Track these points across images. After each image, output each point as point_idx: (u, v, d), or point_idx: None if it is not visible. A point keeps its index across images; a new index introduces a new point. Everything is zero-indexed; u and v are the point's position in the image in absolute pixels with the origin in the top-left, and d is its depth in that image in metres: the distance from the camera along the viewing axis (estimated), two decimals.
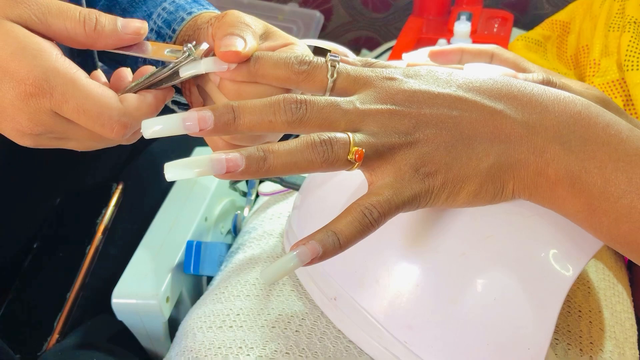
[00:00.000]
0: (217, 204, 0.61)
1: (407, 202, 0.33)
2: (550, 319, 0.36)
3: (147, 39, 0.52)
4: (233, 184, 0.59)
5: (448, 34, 0.80)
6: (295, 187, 0.53)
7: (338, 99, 0.35)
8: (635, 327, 0.49)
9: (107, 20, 0.37)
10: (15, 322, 0.58)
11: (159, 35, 0.51)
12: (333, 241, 0.32)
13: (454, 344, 0.37)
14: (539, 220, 0.38)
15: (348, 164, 0.33)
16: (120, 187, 0.66)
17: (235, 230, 0.58)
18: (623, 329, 0.47)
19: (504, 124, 0.34)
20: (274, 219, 0.54)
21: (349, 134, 0.33)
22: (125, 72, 0.40)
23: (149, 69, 0.39)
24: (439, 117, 0.34)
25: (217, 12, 0.48)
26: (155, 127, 0.33)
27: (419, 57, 0.51)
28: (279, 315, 0.44)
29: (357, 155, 0.33)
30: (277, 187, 0.56)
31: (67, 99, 0.35)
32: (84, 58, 0.53)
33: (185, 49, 0.38)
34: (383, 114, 0.34)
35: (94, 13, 0.37)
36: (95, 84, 0.36)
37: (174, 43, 0.46)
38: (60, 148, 0.40)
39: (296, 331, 0.42)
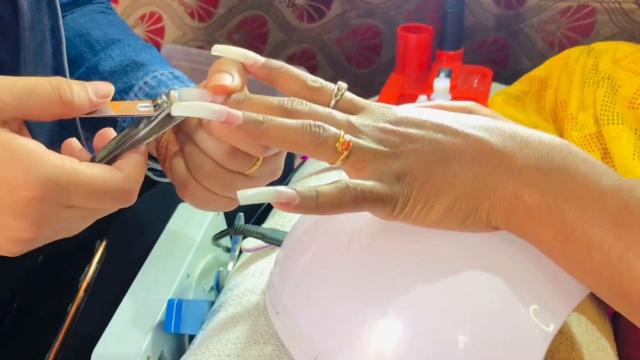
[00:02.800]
0: (200, 261, 0.60)
1: (386, 199, 0.36)
2: None
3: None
4: (216, 239, 0.59)
5: (429, 89, 0.81)
6: (277, 242, 0.53)
7: (334, 110, 0.38)
8: None
9: (79, 87, 0.38)
10: None
11: None
12: (312, 197, 0.34)
13: None
14: (518, 276, 0.39)
15: (334, 153, 0.36)
16: (103, 244, 0.65)
17: (217, 288, 0.58)
18: None
19: (484, 148, 0.37)
20: (257, 276, 0.54)
21: (341, 131, 0.37)
22: (109, 132, 0.40)
23: (111, 131, 0.40)
24: (423, 137, 0.37)
25: None
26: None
27: None
28: None
29: (344, 145, 0.36)
30: (260, 243, 0.56)
31: (74, 189, 0.35)
32: (69, 131, 0.54)
33: (160, 100, 0.39)
34: (374, 129, 0.38)
35: (65, 82, 0.37)
36: (89, 166, 0.36)
37: None
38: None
39: None
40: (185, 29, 1.11)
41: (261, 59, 0.40)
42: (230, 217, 0.67)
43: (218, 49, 0.40)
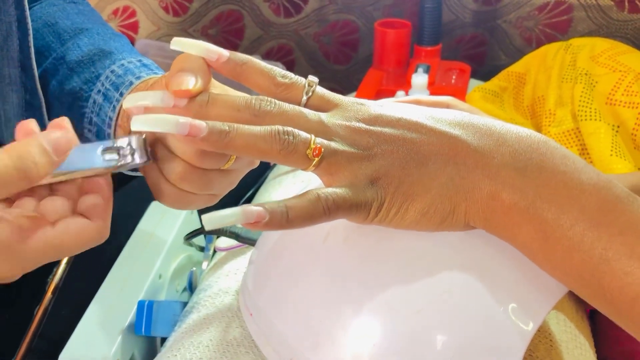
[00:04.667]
0: (172, 261, 0.59)
1: (360, 205, 0.35)
2: None
3: (94, 101, 0.50)
4: (188, 239, 0.57)
5: (407, 85, 0.81)
6: (251, 242, 0.52)
7: (305, 109, 0.36)
8: None
9: (40, 158, 0.33)
10: None
11: (106, 97, 0.50)
12: (282, 212, 0.33)
13: None
14: (496, 274, 0.38)
15: (306, 160, 0.34)
16: None
17: (190, 288, 0.56)
18: None
19: (460, 147, 0.35)
20: (230, 276, 0.52)
21: (312, 135, 0.35)
22: (32, 125, 0.36)
23: (65, 121, 0.36)
24: (398, 137, 0.36)
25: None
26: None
27: None
28: None
29: (315, 152, 0.34)
30: (234, 242, 0.55)
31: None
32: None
33: (122, 150, 0.37)
34: (346, 129, 0.36)
35: (28, 160, 0.33)
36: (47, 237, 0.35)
37: (121, 107, 0.46)
38: None
39: None
40: (160, 24, 1.09)
41: (225, 53, 0.37)
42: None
43: (178, 43, 0.37)
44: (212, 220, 0.33)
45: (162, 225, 0.61)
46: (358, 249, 0.38)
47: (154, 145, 0.40)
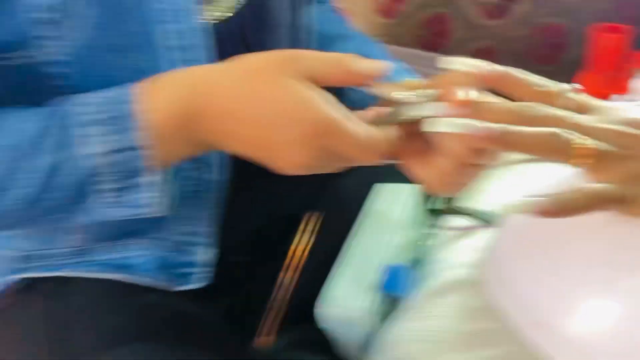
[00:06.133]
0: (405, 235, 0.66)
1: (620, 200, 0.40)
2: None
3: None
4: (432, 213, 0.63)
5: (621, 90, 0.82)
6: (485, 223, 0.58)
7: (570, 113, 0.41)
8: None
9: (359, 60, 0.45)
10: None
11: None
12: (568, 200, 0.41)
13: None
14: None
15: (579, 158, 0.39)
16: (316, 216, 0.72)
17: (421, 262, 0.64)
18: None
19: None
20: (464, 251, 0.59)
21: (584, 137, 0.40)
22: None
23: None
24: None
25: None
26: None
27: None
28: (477, 332, 0.49)
29: (588, 151, 0.39)
30: (466, 222, 0.61)
31: (341, 138, 0.44)
32: None
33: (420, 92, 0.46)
34: (611, 132, 0.41)
35: (348, 56, 0.45)
36: (358, 125, 0.44)
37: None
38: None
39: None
40: (374, 26, 1.18)
41: (487, 67, 0.43)
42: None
43: (446, 61, 0.43)
44: (512, 209, 0.41)
45: (393, 203, 0.68)
46: (618, 233, 0.43)
47: (423, 148, 0.47)
